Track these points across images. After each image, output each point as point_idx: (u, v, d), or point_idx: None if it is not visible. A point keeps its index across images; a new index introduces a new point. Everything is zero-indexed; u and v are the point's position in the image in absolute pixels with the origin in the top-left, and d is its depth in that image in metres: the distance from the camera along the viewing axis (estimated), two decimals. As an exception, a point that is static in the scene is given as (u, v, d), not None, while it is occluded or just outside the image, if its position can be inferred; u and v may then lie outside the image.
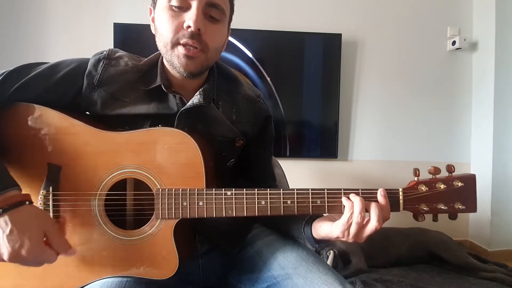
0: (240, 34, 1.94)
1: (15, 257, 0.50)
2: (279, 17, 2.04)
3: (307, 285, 0.62)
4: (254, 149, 0.79)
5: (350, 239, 0.59)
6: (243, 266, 0.73)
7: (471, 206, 0.59)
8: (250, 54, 1.96)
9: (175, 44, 0.62)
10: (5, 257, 0.50)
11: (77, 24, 1.94)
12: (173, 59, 0.64)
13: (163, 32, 0.63)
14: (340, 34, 2.02)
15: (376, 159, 2.17)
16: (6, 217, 0.50)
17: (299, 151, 2.09)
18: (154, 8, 0.67)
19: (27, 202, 0.52)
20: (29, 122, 0.62)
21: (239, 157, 0.78)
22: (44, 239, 0.53)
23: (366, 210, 0.58)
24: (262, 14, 2.03)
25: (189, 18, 0.60)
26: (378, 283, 1.50)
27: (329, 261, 1.60)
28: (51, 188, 0.60)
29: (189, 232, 0.69)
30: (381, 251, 1.70)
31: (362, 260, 1.65)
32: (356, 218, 0.57)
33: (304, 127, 2.08)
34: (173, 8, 0.62)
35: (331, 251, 1.63)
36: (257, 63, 1.98)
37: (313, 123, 2.08)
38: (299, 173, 2.08)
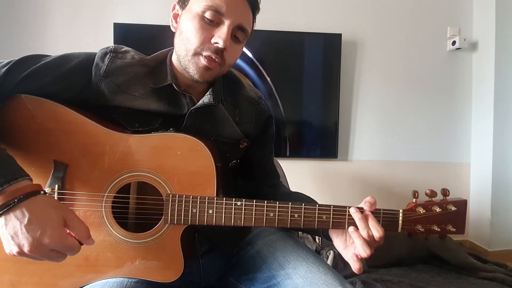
0: (240, 34, 1.93)
1: (37, 247, 0.47)
2: (279, 17, 2.04)
3: (307, 285, 0.62)
4: (255, 149, 0.80)
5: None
6: (243, 266, 0.73)
7: (461, 228, 0.64)
8: (250, 54, 1.96)
9: (197, 53, 0.64)
10: (26, 248, 0.47)
11: (77, 24, 1.94)
12: (190, 66, 0.65)
13: (189, 38, 0.64)
14: (340, 34, 2.02)
15: (376, 159, 2.17)
16: (22, 208, 0.47)
17: (299, 151, 2.09)
18: (182, 8, 0.68)
19: (41, 192, 0.51)
20: (37, 117, 0.61)
21: (241, 158, 0.79)
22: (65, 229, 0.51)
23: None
24: (262, 14, 2.01)
25: (220, 36, 0.62)
26: (378, 283, 1.50)
27: (329, 261, 1.60)
28: (56, 186, 0.59)
29: (190, 233, 0.69)
30: (381, 251, 1.69)
31: (362, 260, 1.64)
32: (365, 237, 0.59)
33: (304, 127, 2.08)
34: (205, 19, 0.63)
35: (331, 251, 1.63)
36: (257, 63, 1.98)
37: (313, 123, 2.08)
38: (299, 173, 2.08)
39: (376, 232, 0.58)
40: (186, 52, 0.64)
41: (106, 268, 0.61)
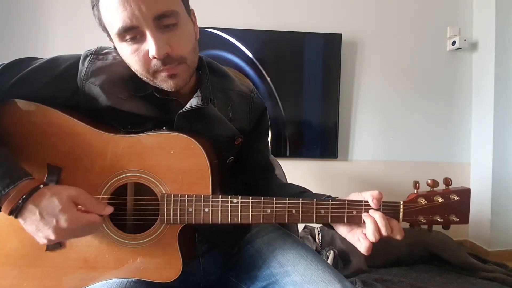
0: (240, 34, 1.93)
1: (60, 233, 0.52)
2: (279, 17, 2.04)
3: (306, 283, 0.62)
4: (249, 142, 0.79)
5: None
6: (243, 264, 0.73)
7: (464, 218, 0.62)
8: (250, 54, 1.96)
9: (154, 73, 0.60)
10: (53, 237, 0.51)
11: (77, 24, 1.94)
12: (161, 84, 0.62)
13: (136, 68, 0.61)
14: (340, 34, 2.02)
15: (376, 159, 2.17)
16: (29, 205, 0.51)
17: (299, 151, 2.09)
18: (112, 40, 0.62)
19: (41, 186, 0.53)
20: (29, 121, 0.60)
21: (237, 154, 0.78)
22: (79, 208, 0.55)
23: None
24: (262, 14, 2.03)
25: (150, 48, 0.56)
26: (378, 283, 1.50)
27: (329, 261, 1.60)
28: None
29: (189, 232, 0.69)
30: (381, 251, 1.70)
31: (362, 260, 1.65)
32: (384, 233, 0.58)
33: (304, 127, 2.08)
34: (130, 42, 0.58)
35: (331, 251, 1.63)
36: (257, 63, 1.98)
37: (313, 123, 2.08)
38: (299, 173, 2.07)
39: (399, 236, 0.59)
40: (147, 78, 0.62)
41: (105, 269, 0.60)
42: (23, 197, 0.50)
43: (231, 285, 0.74)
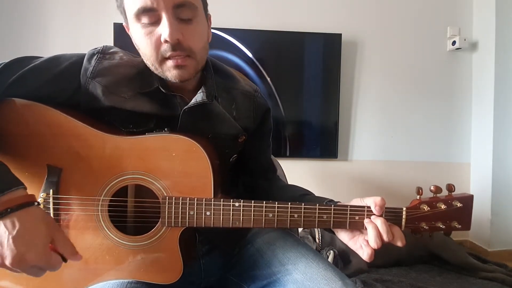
0: (240, 34, 1.93)
1: (18, 262, 0.46)
2: (279, 17, 2.04)
3: (307, 281, 0.62)
4: (252, 142, 0.79)
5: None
6: (243, 264, 0.73)
7: (466, 225, 0.62)
8: (250, 54, 1.96)
9: (161, 60, 0.61)
10: (8, 261, 0.46)
11: (77, 24, 1.94)
12: (166, 74, 0.63)
13: (145, 52, 0.62)
14: (340, 34, 2.02)
15: (376, 159, 2.17)
16: (14, 218, 0.46)
17: (299, 151, 2.09)
18: (127, 24, 0.65)
19: (35, 203, 0.50)
20: (29, 121, 0.60)
21: (239, 153, 0.78)
22: (50, 245, 0.50)
23: None
24: (262, 14, 2.03)
25: (164, 31, 0.58)
26: (378, 283, 1.50)
27: (329, 261, 1.60)
28: (51, 191, 0.59)
29: (190, 233, 0.69)
30: (381, 251, 1.69)
31: (362, 260, 1.64)
32: (386, 239, 0.59)
33: (304, 127, 2.08)
34: (145, 24, 0.59)
35: (331, 251, 1.63)
36: (257, 63, 1.98)
37: (313, 123, 2.08)
38: (299, 173, 2.08)
39: (400, 243, 0.59)
40: (153, 65, 0.63)
41: (106, 270, 0.60)
42: (13, 207, 0.47)
43: (232, 285, 0.74)
